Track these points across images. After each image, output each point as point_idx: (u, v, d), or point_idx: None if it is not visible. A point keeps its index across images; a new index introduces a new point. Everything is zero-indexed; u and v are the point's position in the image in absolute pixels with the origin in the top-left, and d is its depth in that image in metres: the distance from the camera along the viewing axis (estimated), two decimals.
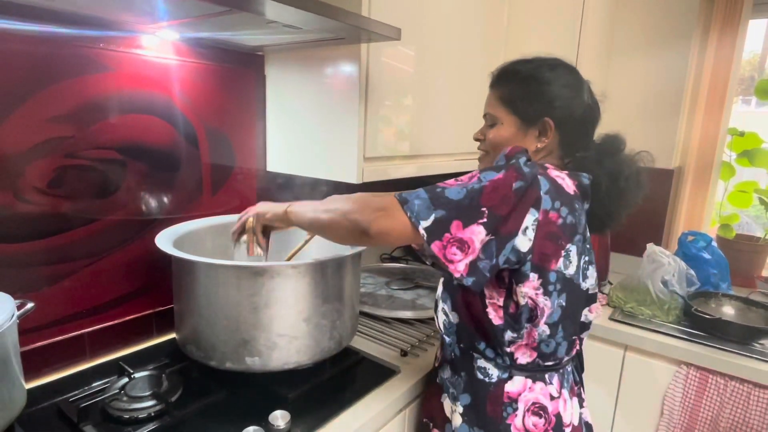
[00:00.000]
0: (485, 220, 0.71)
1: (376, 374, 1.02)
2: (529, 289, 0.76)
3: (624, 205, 0.87)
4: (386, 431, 0.95)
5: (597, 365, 1.44)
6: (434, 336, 1.21)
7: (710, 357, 1.28)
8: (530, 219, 0.73)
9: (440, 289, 0.90)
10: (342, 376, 1.01)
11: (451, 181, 0.75)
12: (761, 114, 2.47)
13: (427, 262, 1.09)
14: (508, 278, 0.78)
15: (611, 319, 1.47)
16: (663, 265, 1.48)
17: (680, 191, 1.89)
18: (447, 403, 0.88)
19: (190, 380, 0.94)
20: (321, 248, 1.20)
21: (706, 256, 1.58)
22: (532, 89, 0.85)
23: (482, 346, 0.84)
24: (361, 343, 1.15)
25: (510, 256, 0.73)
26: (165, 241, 0.95)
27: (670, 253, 1.52)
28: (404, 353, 1.11)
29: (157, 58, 1.05)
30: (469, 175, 0.76)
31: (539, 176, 0.75)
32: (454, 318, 0.87)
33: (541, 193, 0.74)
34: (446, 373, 0.90)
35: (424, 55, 1.28)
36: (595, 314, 0.88)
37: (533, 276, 0.75)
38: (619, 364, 1.43)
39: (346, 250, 1.00)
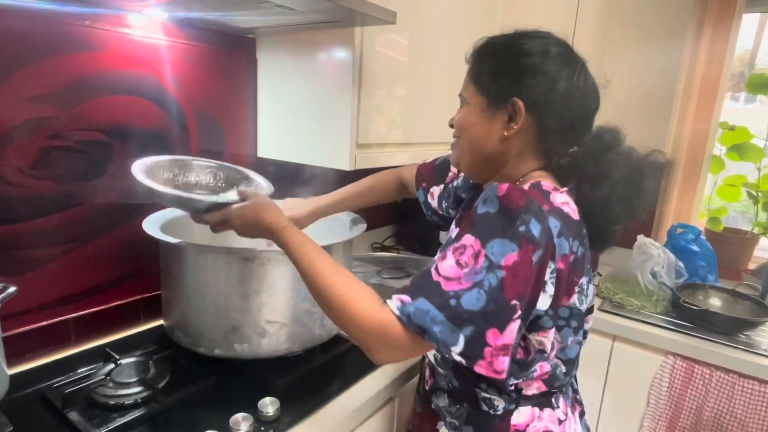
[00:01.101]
0: (519, 312, 0.60)
1: (366, 362, 1.00)
2: (543, 337, 0.69)
3: (609, 218, 0.71)
4: (376, 419, 0.95)
5: (585, 355, 1.43)
6: None
7: (697, 347, 1.29)
8: (548, 273, 0.63)
9: None
10: (332, 364, 1.00)
11: (452, 267, 0.61)
12: (749, 110, 2.50)
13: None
14: None
15: (600, 309, 1.48)
16: (652, 257, 1.49)
17: (670, 184, 1.90)
18: None
19: (177, 367, 0.92)
20: (313, 235, 1.19)
21: (695, 248, 1.60)
22: (501, 63, 0.71)
23: (484, 385, 0.74)
24: None
25: (530, 318, 0.65)
26: (152, 225, 0.94)
27: (660, 245, 1.53)
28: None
29: (145, 37, 1.02)
30: (470, 250, 0.61)
31: (547, 215, 0.62)
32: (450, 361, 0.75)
33: (555, 240, 0.63)
34: (443, 401, 0.80)
35: (418, 42, 1.27)
36: (592, 322, 0.79)
37: (550, 323, 0.68)
38: (608, 354, 1.44)
39: (338, 238, 0.98)
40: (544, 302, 0.64)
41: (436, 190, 0.99)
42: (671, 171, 0.78)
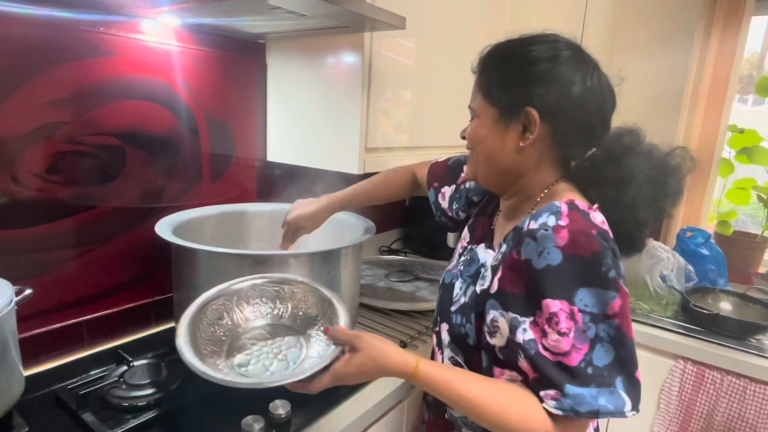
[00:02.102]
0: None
1: None
2: None
3: (637, 222, 0.69)
4: (386, 421, 0.95)
5: None
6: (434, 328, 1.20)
7: (707, 351, 1.28)
8: None
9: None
10: None
11: (558, 340, 0.59)
12: (757, 113, 2.48)
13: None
14: None
15: None
16: (662, 260, 1.48)
17: None
18: None
19: (189, 369, 0.93)
20: (323, 239, 1.20)
21: (704, 252, 1.59)
22: (509, 72, 0.69)
23: None
24: None
25: None
26: (165, 228, 0.95)
27: (669, 249, 1.53)
28: (403, 344, 1.11)
29: (157, 43, 1.03)
30: (563, 314, 0.59)
31: (607, 238, 0.62)
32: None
33: (618, 261, 0.63)
34: (459, 412, 0.77)
35: (426, 47, 1.27)
36: None
37: None
38: None
39: (347, 242, 0.99)
40: None
41: (447, 190, 0.98)
42: (695, 168, 0.74)
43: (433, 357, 0.87)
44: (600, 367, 0.59)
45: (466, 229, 0.90)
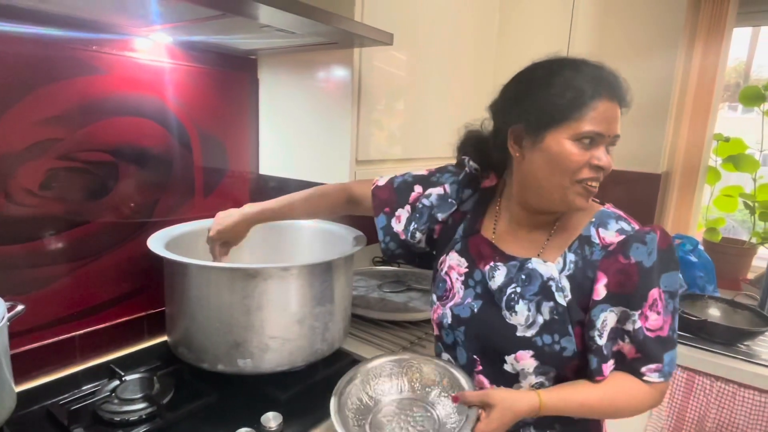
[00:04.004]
0: None
1: None
2: None
3: None
4: None
5: None
6: (426, 338, 1.21)
7: (697, 358, 1.30)
8: None
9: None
10: (334, 378, 1.00)
11: (657, 319, 0.72)
12: (747, 120, 2.52)
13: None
14: None
15: None
16: None
17: (667, 195, 1.92)
18: None
19: (181, 382, 0.94)
20: (314, 251, 1.21)
21: (693, 259, 1.61)
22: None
23: None
24: (354, 345, 1.15)
25: None
26: (157, 243, 0.96)
27: None
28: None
29: (150, 61, 1.05)
30: (657, 299, 0.72)
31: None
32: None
33: None
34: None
35: (416, 59, 1.30)
36: None
37: None
38: None
39: (339, 253, 1.00)
40: None
41: (402, 212, 0.93)
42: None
43: None
44: (676, 330, 0.74)
45: (455, 256, 0.86)
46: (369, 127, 1.19)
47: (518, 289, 0.76)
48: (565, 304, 0.74)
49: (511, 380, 0.78)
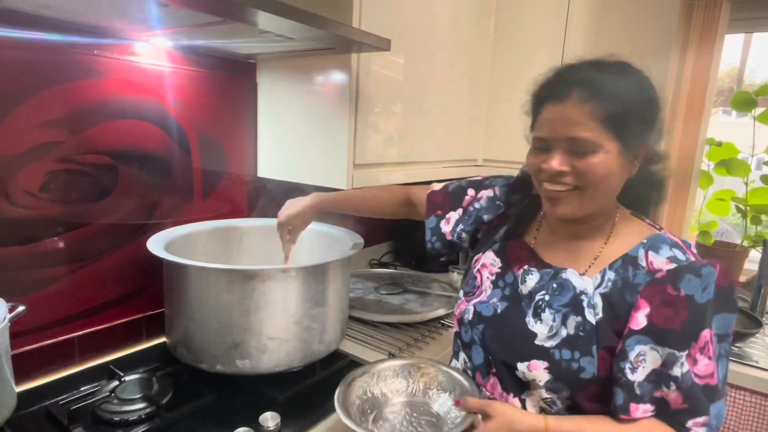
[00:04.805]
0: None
1: None
2: None
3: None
4: None
5: None
6: (422, 340, 1.23)
7: None
8: None
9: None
10: (331, 379, 1.02)
11: (707, 365, 0.64)
12: (741, 124, 2.55)
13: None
14: None
15: None
16: None
17: None
18: None
19: (180, 383, 0.95)
20: (312, 253, 1.22)
21: None
22: (629, 104, 0.68)
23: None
24: (350, 347, 1.16)
25: None
26: (156, 244, 0.97)
27: None
28: (392, 356, 1.13)
29: (150, 65, 1.06)
30: (708, 341, 0.65)
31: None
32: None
33: None
34: None
35: (413, 64, 1.32)
36: None
37: None
38: None
39: (336, 255, 1.02)
40: None
41: (453, 215, 0.97)
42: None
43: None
44: (722, 379, 0.66)
45: (491, 255, 0.86)
46: (366, 131, 1.20)
47: (547, 297, 0.74)
48: (594, 322, 0.69)
49: (522, 388, 0.75)
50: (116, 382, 0.92)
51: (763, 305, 1.53)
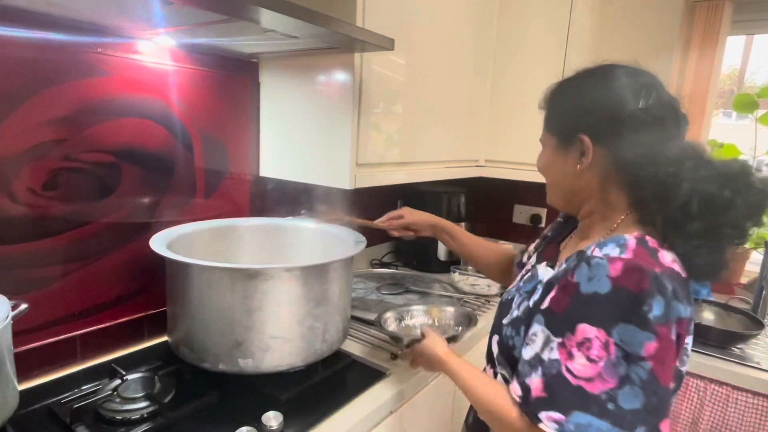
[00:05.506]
0: (673, 389, 0.64)
1: (367, 376, 1.03)
2: None
3: (719, 246, 0.66)
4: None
5: None
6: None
7: (690, 361, 1.31)
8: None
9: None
10: (334, 378, 1.02)
11: (586, 366, 0.60)
12: (741, 126, 2.55)
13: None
14: None
15: None
16: None
17: None
18: None
19: (183, 382, 0.94)
20: (314, 252, 1.22)
21: None
22: (563, 103, 0.76)
23: None
24: (352, 347, 1.16)
25: None
26: (159, 243, 0.96)
27: None
28: (394, 356, 1.13)
29: (153, 63, 1.06)
30: (597, 342, 0.60)
31: (663, 280, 0.60)
32: None
33: (675, 305, 0.61)
34: None
35: (416, 64, 1.32)
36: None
37: None
38: None
39: (338, 255, 1.01)
40: None
41: (532, 246, 0.98)
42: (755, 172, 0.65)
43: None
44: (624, 408, 0.58)
45: (533, 251, 0.94)
46: (369, 131, 1.20)
47: (520, 284, 0.83)
48: (531, 305, 0.73)
49: (489, 360, 0.85)
50: (118, 381, 0.92)
51: (764, 307, 1.53)
